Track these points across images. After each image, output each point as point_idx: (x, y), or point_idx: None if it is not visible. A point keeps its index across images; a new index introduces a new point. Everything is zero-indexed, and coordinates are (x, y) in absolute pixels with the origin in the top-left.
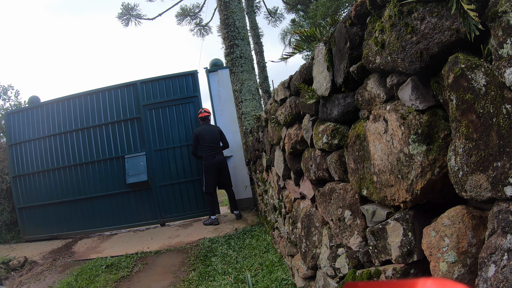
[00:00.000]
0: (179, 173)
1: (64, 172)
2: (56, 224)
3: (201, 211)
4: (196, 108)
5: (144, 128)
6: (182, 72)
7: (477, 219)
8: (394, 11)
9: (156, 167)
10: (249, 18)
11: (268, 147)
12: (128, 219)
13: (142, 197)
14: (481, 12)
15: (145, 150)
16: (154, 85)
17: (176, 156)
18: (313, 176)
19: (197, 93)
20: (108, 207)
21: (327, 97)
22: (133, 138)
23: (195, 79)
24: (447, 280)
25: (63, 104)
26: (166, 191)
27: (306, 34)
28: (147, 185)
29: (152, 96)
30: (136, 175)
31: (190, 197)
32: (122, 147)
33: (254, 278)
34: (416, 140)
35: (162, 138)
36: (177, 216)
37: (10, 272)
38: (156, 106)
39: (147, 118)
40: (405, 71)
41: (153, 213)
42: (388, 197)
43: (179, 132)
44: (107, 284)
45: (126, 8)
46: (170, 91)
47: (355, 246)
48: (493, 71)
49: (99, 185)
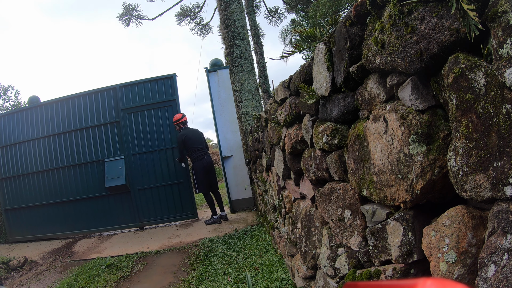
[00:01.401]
0: (158, 177)
1: (47, 175)
2: (40, 226)
3: (180, 215)
4: (174, 112)
5: (123, 132)
6: (160, 75)
7: (477, 219)
8: (394, 11)
9: (135, 170)
10: (249, 18)
11: (268, 147)
12: (108, 222)
13: (122, 201)
14: (481, 12)
15: (124, 154)
16: (133, 89)
17: (155, 160)
18: (313, 176)
19: (175, 96)
20: (90, 210)
21: (327, 97)
22: (113, 142)
23: (173, 83)
24: (447, 280)
25: (46, 108)
26: (145, 194)
27: (306, 33)
28: (125, 189)
29: (131, 100)
30: (114, 179)
31: (168, 201)
32: (102, 150)
33: (254, 278)
34: (416, 140)
35: (141, 142)
36: (156, 220)
37: (10, 272)
38: (135, 110)
39: (126, 122)
40: (405, 71)
41: (132, 216)
42: (388, 197)
43: (157, 136)
44: (107, 284)
45: (127, 8)
46: (149, 95)
47: (355, 246)
48: (493, 71)
49: (81, 188)
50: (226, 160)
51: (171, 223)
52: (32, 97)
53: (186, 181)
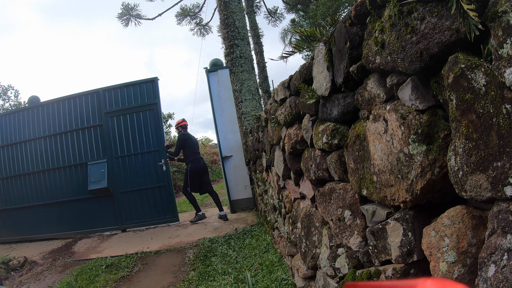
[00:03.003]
0: (140, 180)
1: (34, 177)
2: (27, 227)
3: (161, 218)
4: (156, 115)
5: (105, 135)
6: (142, 79)
7: (477, 219)
8: (394, 11)
9: (117, 173)
10: (249, 18)
11: (268, 147)
12: (92, 224)
13: (105, 203)
14: (481, 12)
15: (107, 157)
16: (116, 92)
17: (137, 163)
18: (313, 176)
19: (157, 100)
20: (74, 212)
21: (327, 97)
22: (96, 145)
23: (155, 86)
24: (447, 280)
25: (32, 112)
26: (127, 197)
27: (306, 33)
28: (108, 192)
29: (114, 104)
30: (97, 182)
31: (150, 204)
32: (86, 154)
33: (254, 278)
34: (416, 140)
35: (123, 145)
36: (138, 223)
37: (10, 272)
38: (118, 113)
39: (108, 125)
40: (405, 71)
41: (115, 219)
42: (388, 197)
43: (139, 139)
44: (107, 284)
45: (126, 8)
46: (131, 99)
47: (355, 246)
48: (493, 71)
49: (66, 190)
50: (226, 160)
51: (153, 226)
52: (32, 97)
53: (168, 184)
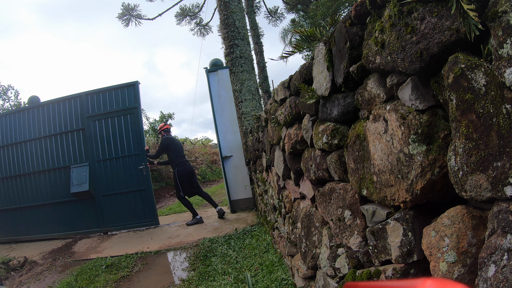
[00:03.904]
0: (121, 183)
1: (20, 180)
2: (13, 229)
3: (142, 221)
4: (136, 119)
5: (88, 139)
6: (123, 83)
7: (477, 219)
8: (394, 11)
9: (99, 177)
10: (249, 18)
11: (268, 147)
12: (75, 227)
13: (87, 206)
14: (481, 12)
15: (89, 161)
16: (98, 96)
17: (118, 167)
18: (313, 176)
19: (137, 104)
20: (59, 214)
21: (327, 97)
22: (79, 149)
23: (135, 90)
24: (447, 280)
25: (18, 116)
26: (109, 200)
27: (306, 33)
28: (89, 195)
29: (96, 108)
30: (79, 185)
31: (131, 208)
32: (69, 157)
33: (254, 278)
34: (416, 140)
35: (105, 149)
36: (119, 226)
37: (10, 272)
38: (100, 117)
39: (90, 129)
40: (405, 71)
41: (97, 221)
42: (388, 197)
43: (120, 143)
44: (107, 284)
45: (126, 8)
46: (113, 103)
47: (355, 246)
48: (493, 71)
49: (50, 193)
50: (226, 160)
51: (134, 229)
52: (32, 97)
53: (148, 188)
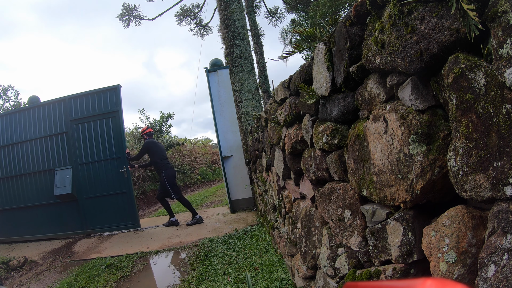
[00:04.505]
0: (103, 186)
1: (6, 182)
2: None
3: (124, 224)
4: (117, 123)
5: (71, 142)
6: (105, 87)
7: (477, 219)
8: (394, 11)
9: (82, 180)
10: (249, 18)
11: (268, 147)
12: (60, 228)
13: (71, 208)
14: (481, 12)
15: (72, 164)
16: (81, 100)
17: (100, 170)
18: (313, 176)
19: (119, 107)
20: (44, 216)
21: (327, 97)
22: (63, 152)
23: (117, 94)
24: (447, 280)
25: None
26: (92, 203)
27: (306, 33)
28: (73, 197)
29: (79, 111)
30: (62, 187)
31: (113, 210)
32: (53, 160)
33: (254, 278)
34: (416, 140)
35: (88, 152)
36: (102, 228)
37: (10, 272)
38: (83, 121)
39: (73, 132)
40: (405, 71)
41: (80, 223)
42: (388, 197)
43: (102, 146)
44: (107, 284)
45: (126, 9)
46: (95, 106)
47: (355, 246)
48: (493, 71)
49: (36, 195)
50: (226, 160)
51: (116, 231)
52: (32, 97)
53: (129, 191)
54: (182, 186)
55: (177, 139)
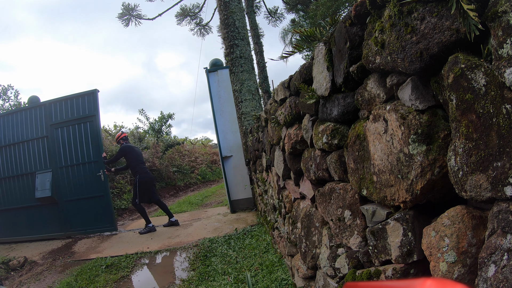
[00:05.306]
0: (83, 189)
1: None
2: None
3: (101, 226)
4: (95, 127)
5: (51, 146)
6: (84, 91)
7: (477, 219)
8: (394, 11)
9: (62, 183)
10: (249, 18)
11: (268, 147)
12: (41, 230)
13: (52, 211)
14: (481, 12)
15: (52, 167)
16: (60, 105)
17: (79, 173)
18: (313, 176)
19: (96, 112)
20: (27, 218)
21: (327, 97)
22: (43, 156)
23: (94, 98)
24: (447, 280)
25: None
26: (71, 206)
27: (306, 33)
28: (52, 200)
29: (58, 116)
30: (42, 190)
31: (92, 213)
32: (35, 164)
33: (254, 278)
34: (416, 140)
35: (67, 156)
36: (81, 230)
37: (10, 272)
38: (62, 125)
39: (53, 136)
40: (405, 71)
41: (60, 226)
42: (388, 197)
43: (80, 150)
44: (107, 284)
45: (126, 8)
46: (74, 111)
47: (355, 246)
48: (493, 71)
49: (19, 198)
50: (226, 160)
51: (93, 234)
52: (32, 97)
53: (106, 194)
54: (182, 186)
55: (177, 139)
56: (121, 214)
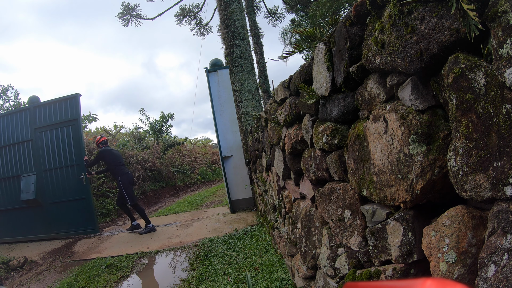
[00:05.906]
0: (66, 192)
1: None
2: None
3: (84, 229)
4: (77, 130)
5: (35, 149)
6: (66, 95)
7: (477, 219)
8: (394, 11)
9: (46, 185)
10: (249, 18)
11: (268, 147)
12: (27, 232)
13: (37, 213)
14: (481, 12)
15: (37, 170)
16: (44, 108)
17: (62, 176)
18: (313, 176)
19: (77, 116)
20: (14, 220)
21: (327, 97)
22: (28, 159)
23: (76, 102)
24: (447, 280)
25: None
26: (56, 208)
27: (306, 33)
28: (37, 203)
29: (42, 119)
30: (27, 193)
31: (75, 215)
32: (20, 167)
33: (254, 278)
34: (416, 140)
35: (51, 159)
36: (65, 232)
37: (10, 272)
38: (45, 129)
39: (37, 140)
40: (405, 71)
41: (45, 227)
42: (388, 197)
43: (63, 153)
44: (107, 284)
45: (126, 8)
46: (57, 115)
47: (355, 246)
48: (493, 71)
49: (5, 200)
50: (226, 160)
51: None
52: (32, 97)
53: (88, 197)
54: (182, 186)
55: (177, 139)
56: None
